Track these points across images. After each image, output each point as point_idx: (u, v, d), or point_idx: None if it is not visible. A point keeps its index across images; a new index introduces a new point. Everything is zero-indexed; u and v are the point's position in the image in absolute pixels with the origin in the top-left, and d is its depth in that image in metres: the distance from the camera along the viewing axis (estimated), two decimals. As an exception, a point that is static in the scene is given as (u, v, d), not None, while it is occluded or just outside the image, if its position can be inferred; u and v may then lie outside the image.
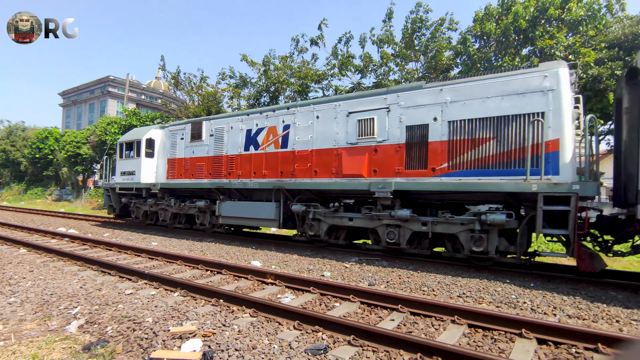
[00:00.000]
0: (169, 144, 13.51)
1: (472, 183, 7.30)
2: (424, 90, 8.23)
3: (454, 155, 7.69)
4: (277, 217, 10.27)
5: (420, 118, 8.16)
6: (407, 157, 8.31)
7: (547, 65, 7.02)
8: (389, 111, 8.64)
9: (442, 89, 7.96)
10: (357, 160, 8.96)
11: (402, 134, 8.39)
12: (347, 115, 9.25)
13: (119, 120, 32.12)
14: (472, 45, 16.20)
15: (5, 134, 46.03)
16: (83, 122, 58.29)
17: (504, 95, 7.18)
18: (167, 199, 13.50)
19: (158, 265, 7.92)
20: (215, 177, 11.90)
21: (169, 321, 4.62)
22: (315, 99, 11.17)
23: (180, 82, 25.24)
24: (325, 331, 4.25)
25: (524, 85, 7.01)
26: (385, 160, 8.60)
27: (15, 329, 4.64)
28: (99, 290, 6.00)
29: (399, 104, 8.50)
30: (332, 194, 9.84)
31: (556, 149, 6.66)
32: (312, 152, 9.78)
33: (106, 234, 12.83)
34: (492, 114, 7.28)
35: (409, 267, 7.79)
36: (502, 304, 5.51)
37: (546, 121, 6.72)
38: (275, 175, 10.50)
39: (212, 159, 12.10)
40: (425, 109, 8.12)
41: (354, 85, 20.13)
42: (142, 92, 59.11)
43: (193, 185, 12.46)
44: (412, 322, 4.68)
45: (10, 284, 6.51)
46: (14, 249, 9.61)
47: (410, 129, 8.30)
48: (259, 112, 11.29)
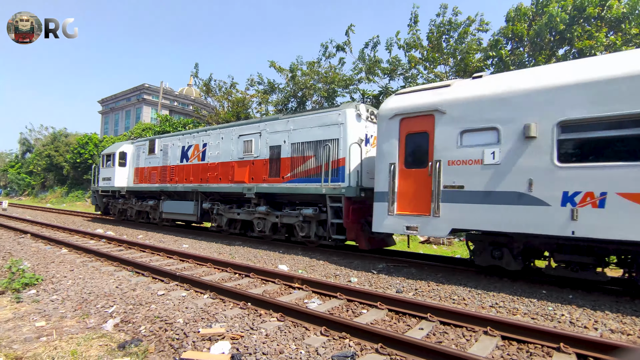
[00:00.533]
0: (136, 156, 16.91)
1: (297, 187, 10.20)
2: (279, 121, 11.08)
3: (294, 168, 10.50)
4: (196, 213, 13.46)
5: (277, 140, 11.00)
6: (270, 169, 11.12)
7: (342, 105, 9.88)
8: (260, 135, 11.51)
9: (288, 120, 10.84)
10: (243, 170, 11.91)
11: (267, 152, 11.22)
12: (238, 137, 12.20)
13: (153, 127, 33.40)
14: (504, 47, 15.73)
15: (50, 140, 48.92)
16: (120, 129, 61.09)
17: (320, 126, 9.98)
18: (132, 199, 17.03)
19: (189, 267, 8.14)
20: (162, 183, 15.13)
21: (199, 323, 4.72)
22: (222, 125, 14.36)
23: (212, 88, 25.98)
24: (353, 338, 4.21)
25: (329, 119, 9.78)
26: (258, 170, 11.44)
27: (57, 325, 4.89)
28: (133, 290, 6.22)
29: (266, 130, 11.37)
30: (229, 196, 12.68)
31: (343, 164, 9.34)
32: (218, 164, 12.81)
33: (140, 235, 13.32)
34: (313, 139, 10.08)
35: (438, 274, 7.61)
36: (538, 315, 5.26)
37: (338, 145, 9.47)
38: (197, 181, 13.56)
39: (160, 168, 15.41)
40: (280, 134, 10.94)
41: (381, 89, 20.00)
42: (174, 99, 61.31)
43: (148, 188, 15.81)
44: (442, 332, 4.56)
45: (52, 282, 6.89)
46: (56, 249, 10.16)
47: (272, 148, 11.12)
48: (189, 133, 14.57)
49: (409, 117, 7.80)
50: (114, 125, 64.86)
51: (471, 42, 17.09)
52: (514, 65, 15.45)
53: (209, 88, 26.03)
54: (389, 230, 8.18)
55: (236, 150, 12.20)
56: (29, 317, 5.17)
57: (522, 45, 15.64)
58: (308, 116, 10.47)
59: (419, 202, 7.54)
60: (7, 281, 6.61)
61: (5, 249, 9.96)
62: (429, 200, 7.34)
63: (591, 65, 6.13)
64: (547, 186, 6.05)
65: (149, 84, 59.51)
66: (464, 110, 7.04)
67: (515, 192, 6.33)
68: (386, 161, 8.06)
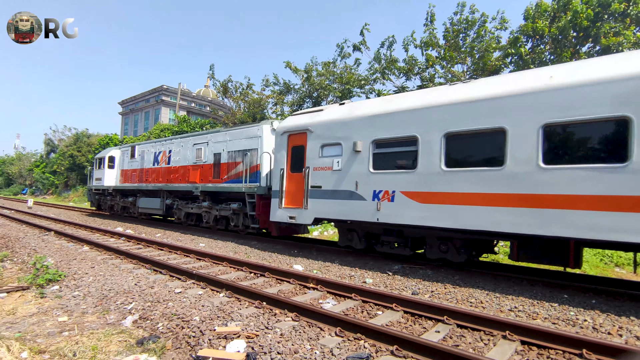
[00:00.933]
0: (122, 160, 19.88)
1: (230, 186, 12.77)
2: (220, 133, 13.83)
3: (229, 171, 13.03)
4: (162, 207, 16.09)
5: (218, 149, 13.58)
6: (213, 172, 13.68)
7: (262, 122, 12.56)
8: (207, 144, 14.12)
9: (226, 133, 13.51)
10: (195, 173, 14.55)
11: (212, 158, 13.80)
12: (192, 146, 14.87)
13: (172, 127, 34.01)
14: (523, 44, 15.37)
15: (73, 140, 50.40)
16: (139, 129, 62.43)
17: (245, 138, 12.54)
18: (117, 196, 20.09)
19: (205, 266, 8.24)
20: (139, 182, 18.04)
21: (215, 321, 4.77)
22: (181, 135, 16.68)
23: (229, 89, 26.28)
24: (368, 339, 4.18)
25: (251, 132, 12.40)
26: (205, 173, 14.06)
27: (78, 320, 5.03)
28: (152, 288, 6.34)
29: (211, 140, 13.97)
30: (186, 193, 15.09)
31: (259, 169, 11.79)
32: (179, 167, 15.48)
33: (158, 234, 13.58)
34: (241, 148, 12.63)
35: (455, 277, 7.48)
36: (560, 320, 5.11)
37: (256, 153, 11.97)
38: (164, 181, 16.26)
39: (138, 170, 18.28)
40: (220, 144, 13.52)
41: (397, 88, 19.83)
42: (192, 100, 62.26)
43: (128, 187, 18.71)
44: (459, 335, 4.48)
45: (74, 278, 7.08)
46: (78, 246, 10.45)
47: (215, 155, 13.71)
48: (160, 140, 17.39)
49: (293, 134, 10.17)
50: (133, 126, 66.34)
51: (489, 40, 16.77)
52: (533, 63, 15.08)
53: (227, 89, 26.33)
54: (279, 220, 10.35)
55: (191, 156, 14.90)
56: (52, 312, 5.33)
57: (543, 42, 15.25)
58: (239, 130, 13.16)
59: (297, 198, 9.90)
60: (32, 277, 6.84)
61: (31, 246, 10.30)
62: (302, 196, 9.70)
63: (390, 100, 8.89)
64: (365, 186, 8.42)
65: (167, 86, 60.63)
66: (323, 129, 9.46)
67: (348, 191, 8.72)
68: (279, 167, 10.41)
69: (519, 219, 6.39)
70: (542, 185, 6.21)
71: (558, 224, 6.02)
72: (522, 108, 6.52)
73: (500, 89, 6.93)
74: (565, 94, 6.11)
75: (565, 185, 6.00)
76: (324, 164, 9.32)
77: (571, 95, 6.05)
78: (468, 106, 7.20)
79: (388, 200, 8.02)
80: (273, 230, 11.44)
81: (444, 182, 7.31)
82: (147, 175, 17.48)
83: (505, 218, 6.52)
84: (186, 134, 16.76)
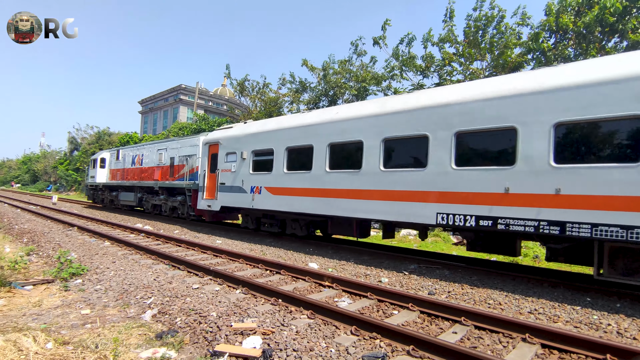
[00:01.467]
0: (110, 161, 23.91)
1: (179, 183, 16.04)
2: (174, 141, 17.62)
3: (179, 171, 16.47)
4: (135, 200, 20.14)
5: (173, 154, 17.20)
6: (170, 172, 17.21)
7: (200, 134, 16.17)
8: (166, 150, 17.91)
9: (178, 141, 17.33)
10: (158, 172, 18.04)
11: (169, 161, 17.43)
12: (157, 151, 18.73)
13: (190, 125, 34.55)
14: (546, 40, 14.94)
15: (95, 138, 51.76)
16: (158, 128, 63.62)
17: (190, 146, 16.04)
18: (106, 191, 24.10)
19: (222, 263, 8.35)
20: (120, 180, 22.04)
21: (231, 317, 4.83)
22: (150, 142, 20.99)
23: (246, 88, 26.51)
24: (384, 339, 4.16)
25: (192, 142, 15.87)
26: (164, 173, 17.66)
27: (100, 313, 5.17)
28: (170, 283, 6.47)
29: (169, 147, 17.81)
30: (152, 188, 18.67)
31: (197, 170, 15.02)
32: (149, 168, 19.12)
33: (176, 230, 13.83)
34: (187, 154, 16.01)
35: (473, 277, 7.36)
36: (582, 324, 4.97)
37: (195, 158, 15.30)
38: (138, 179, 19.96)
39: (121, 170, 22.28)
40: (174, 150, 17.14)
41: (414, 86, 19.59)
42: (209, 99, 63.02)
43: (114, 183, 22.65)
44: (476, 337, 4.41)
45: (96, 272, 7.29)
46: (100, 242, 10.74)
47: (171, 158, 17.29)
48: (136, 146, 21.62)
49: (212, 144, 13.82)
50: (152, 125, 67.64)
51: (510, 35, 16.36)
52: (556, 60, 14.65)
53: (244, 87, 26.55)
54: (201, 207, 13.95)
55: (156, 159, 18.56)
56: (75, 304, 5.50)
57: (567, 38, 14.79)
58: (185, 139, 17.02)
59: (212, 192, 13.45)
60: (57, 270, 7.07)
61: (55, 241, 10.65)
62: (215, 190, 13.24)
63: (264, 123, 12.45)
64: (247, 183, 11.83)
65: (185, 85, 61.52)
66: (228, 142, 12.97)
67: (238, 186, 12.19)
68: (202, 169, 14.13)
69: (316, 205, 9.68)
70: (328, 182, 9.48)
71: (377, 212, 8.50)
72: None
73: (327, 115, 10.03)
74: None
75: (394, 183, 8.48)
76: (227, 167, 12.82)
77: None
78: (302, 129, 10.36)
79: (258, 193, 11.41)
80: (206, 217, 14.69)
81: (286, 180, 10.54)
82: (127, 174, 21.49)
83: (314, 205, 9.71)
84: (153, 142, 21.02)
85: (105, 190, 24.08)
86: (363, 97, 21.65)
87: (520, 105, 6.55)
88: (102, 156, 24.40)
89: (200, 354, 3.93)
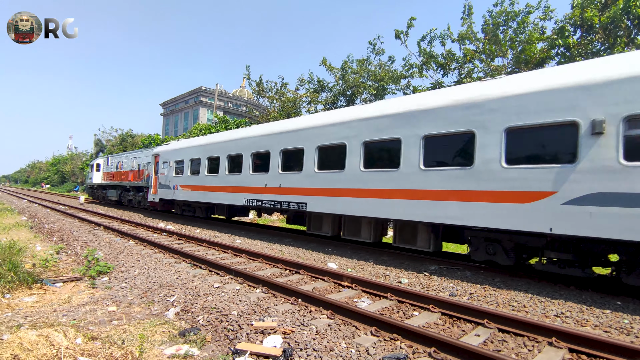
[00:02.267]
0: (104, 166, 30.04)
1: (141, 183, 22.15)
2: (140, 152, 24.26)
3: (142, 174, 21.98)
4: (117, 196, 26.20)
5: (141, 161, 22.79)
6: (138, 175, 22.62)
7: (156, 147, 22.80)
8: (136, 158, 23.84)
9: (142, 152, 23.79)
10: (131, 175, 23.50)
11: (137, 167, 22.94)
12: (131, 158, 24.58)
13: (210, 127, 35.13)
14: (571, 35, 14.46)
15: (119, 140, 53.37)
16: (179, 129, 64.90)
17: (149, 156, 21.02)
18: (100, 189, 30.65)
19: (242, 262, 8.46)
20: (108, 181, 28.27)
21: (252, 316, 4.89)
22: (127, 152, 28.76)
23: (264, 89, 26.77)
24: (404, 340, 4.12)
25: (150, 153, 21.16)
26: (135, 175, 23.07)
27: (126, 310, 5.33)
28: (192, 282, 6.60)
29: (138, 155, 23.90)
30: (125, 187, 24.79)
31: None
32: (128, 172, 24.25)
33: (197, 230, 14.10)
34: (147, 162, 21.44)
35: (495, 279, 7.20)
36: (612, 328, 4.79)
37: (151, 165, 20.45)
38: (119, 180, 25.54)
39: (109, 172, 28.41)
40: (141, 158, 22.95)
41: (433, 84, 19.32)
42: (228, 100, 63.85)
43: (104, 183, 29.16)
44: (500, 340, 4.31)
45: (122, 270, 7.51)
46: (124, 241, 11.06)
47: (139, 164, 22.80)
48: (119, 155, 28.40)
49: (156, 155, 19.25)
50: (173, 127, 69.05)
51: (533, 31, 15.92)
52: (580, 56, 14.16)
53: (262, 88, 26.82)
54: (150, 199, 19.52)
55: (130, 165, 24.40)
56: (103, 302, 5.69)
57: (593, 32, 14.28)
58: (147, 150, 23.23)
59: (155, 188, 18.77)
60: (85, 268, 7.33)
61: (83, 239, 11.03)
62: (156, 187, 18.64)
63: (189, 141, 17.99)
64: (171, 182, 17.24)
65: (205, 87, 62.53)
66: (163, 154, 18.49)
67: (167, 184, 17.59)
68: (151, 172, 19.56)
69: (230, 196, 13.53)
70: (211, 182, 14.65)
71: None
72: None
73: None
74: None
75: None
76: (163, 171, 18.13)
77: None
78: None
79: (176, 189, 16.74)
80: (157, 207, 19.87)
81: (189, 180, 15.86)
82: (112, 176, 27.65)
83: (211, 196, 14.49)
84: (128, 152, 28.74)
85: (99, 188, 30.99)
86: (382, 96, 21.50)
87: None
88: (98, 162, 31.37)
89: (222, 352, 4.00)
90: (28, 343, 3.40)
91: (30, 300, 5.66)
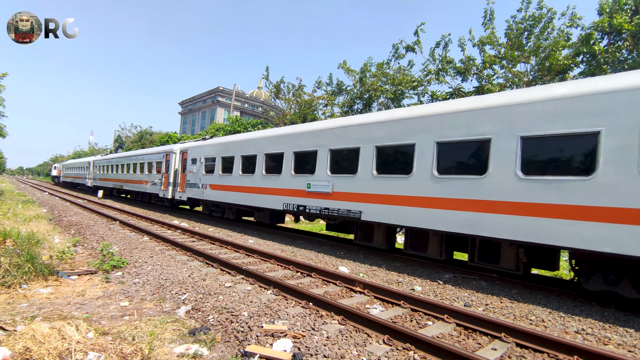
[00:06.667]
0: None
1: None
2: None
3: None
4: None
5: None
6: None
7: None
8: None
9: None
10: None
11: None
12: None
13: (225, 127, 35.48)
14: (597, 42, 14.02)
15: (137, 137, 54.41)
16: (196, 128, 65.78)
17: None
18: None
19: (254, 262, 8.44)
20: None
21: (262, 318, 4.84)
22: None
23: (281, 90, 26.86)
24: (418, 351, 4.00)
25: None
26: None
27: (138, 306, 5.34)
28: (203, 280, 6.60)
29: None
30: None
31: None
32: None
33: (210, 229, 14.18)
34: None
35: (512, 290, 6.98)
36: (636, 348, 4.56)
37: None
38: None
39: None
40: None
41: (452, 90, 19.03)
42: (245, 101, 64.40)
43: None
44: (518, 355, 4.14)
45: (135, 266, 7.57)
46: (139, 236, 11.19)
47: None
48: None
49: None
50: (191, 125, 70.03)
51: (558, 37, 15.51)
52: (606, 64, 13.71)
53: (279, 90, 26.91)
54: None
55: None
56: (115, 296, 5.73)
57: (622, 39, 13.82)
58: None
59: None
60: (99, 262, 7.41)
61: (99, 233, 11.21)
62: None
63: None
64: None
65: (223, 87, 63.23)
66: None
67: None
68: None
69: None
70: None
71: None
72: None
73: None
74: None
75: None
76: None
77: None
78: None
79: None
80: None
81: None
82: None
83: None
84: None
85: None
86: (399, 100, 21.29)
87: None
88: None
89: (231, 354, 3.95)
90: (40, 335, 3.42)
91: (45, 291, 5.75)
